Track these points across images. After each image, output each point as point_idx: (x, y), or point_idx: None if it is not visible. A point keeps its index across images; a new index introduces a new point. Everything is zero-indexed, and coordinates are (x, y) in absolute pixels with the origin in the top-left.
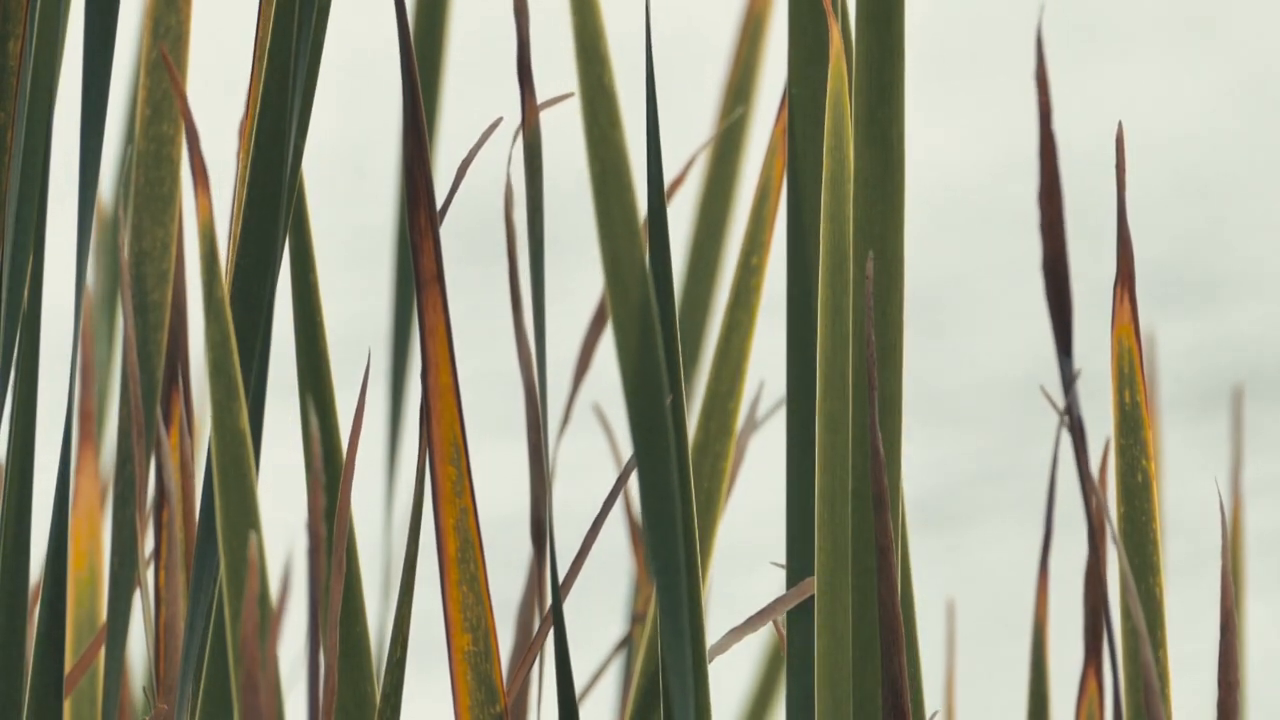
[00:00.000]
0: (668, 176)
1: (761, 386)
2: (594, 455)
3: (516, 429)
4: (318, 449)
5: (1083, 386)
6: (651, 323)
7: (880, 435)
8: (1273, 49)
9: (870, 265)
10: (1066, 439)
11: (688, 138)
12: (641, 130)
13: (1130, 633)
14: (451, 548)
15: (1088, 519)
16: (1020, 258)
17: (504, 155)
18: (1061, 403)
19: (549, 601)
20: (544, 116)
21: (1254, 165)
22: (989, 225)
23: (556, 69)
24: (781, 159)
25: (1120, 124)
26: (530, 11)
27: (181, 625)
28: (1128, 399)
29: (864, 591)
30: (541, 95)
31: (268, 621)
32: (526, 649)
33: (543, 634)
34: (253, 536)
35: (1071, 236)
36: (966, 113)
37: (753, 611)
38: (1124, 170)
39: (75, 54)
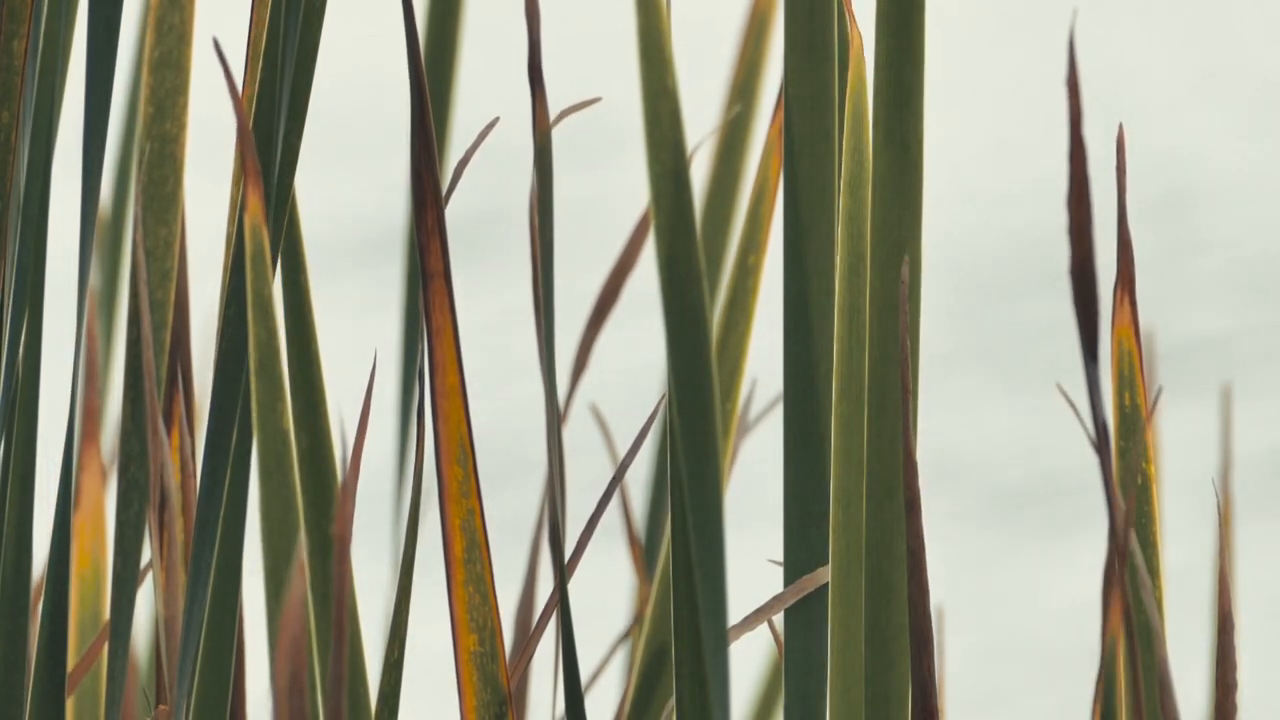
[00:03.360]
0: None
1: (754, 385)
2: (590, 455)
3: (510, 429)
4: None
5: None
6: (705, 325)
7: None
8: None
9: (906, 269)
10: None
11: (692, 136)
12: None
13: (1127, 635)
14: (458, 548)
15: (1110, 522)
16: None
17: (506, 155)
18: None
19: (554, 601)
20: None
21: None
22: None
23: (560, 69)
24: (778, 159)
25: (1121, 126)
26: (542, 12)
27: (180, 625)
28: (1127, 401)
29: (880, 594)
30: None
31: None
32: (526, 640)
33: (545, 619)
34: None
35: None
36: (979, 110)
37: (750, 610)
38: (1124, 172)
39: (77, 53)
